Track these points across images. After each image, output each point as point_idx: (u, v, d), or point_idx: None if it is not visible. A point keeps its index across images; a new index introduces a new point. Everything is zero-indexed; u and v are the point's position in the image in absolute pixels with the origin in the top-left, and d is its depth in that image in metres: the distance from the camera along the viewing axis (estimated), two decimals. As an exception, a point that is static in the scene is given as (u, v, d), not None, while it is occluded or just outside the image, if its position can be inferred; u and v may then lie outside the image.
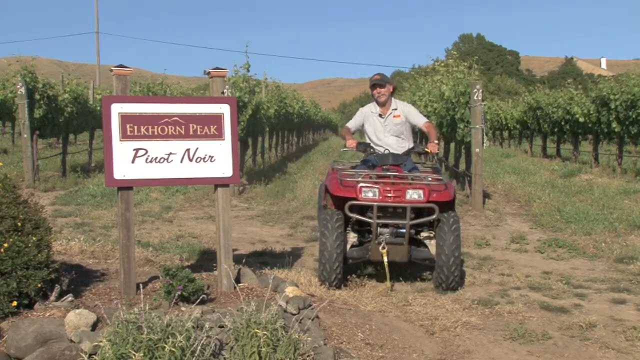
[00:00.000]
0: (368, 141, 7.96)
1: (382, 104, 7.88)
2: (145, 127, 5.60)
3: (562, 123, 23.29)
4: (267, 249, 9.07)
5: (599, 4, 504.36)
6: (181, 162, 5.72)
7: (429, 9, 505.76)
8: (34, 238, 4.96)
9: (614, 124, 18.57)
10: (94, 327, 4.52)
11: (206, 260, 7.76)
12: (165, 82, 25.78)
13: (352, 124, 8.07)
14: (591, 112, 20.26)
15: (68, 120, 17.53)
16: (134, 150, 5.57)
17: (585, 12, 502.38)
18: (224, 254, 5.89)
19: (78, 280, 5.80)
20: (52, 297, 5.03)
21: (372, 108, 7.97)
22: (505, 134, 36.10)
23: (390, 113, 7.86)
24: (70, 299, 5.09)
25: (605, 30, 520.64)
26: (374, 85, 7.84)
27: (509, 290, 7.27)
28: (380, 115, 7.88)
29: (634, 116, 17.61)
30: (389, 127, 7.84)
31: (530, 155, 27.29)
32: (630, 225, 10.73)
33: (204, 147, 5.79)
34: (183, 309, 4.94)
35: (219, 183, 5.92)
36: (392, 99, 7.97)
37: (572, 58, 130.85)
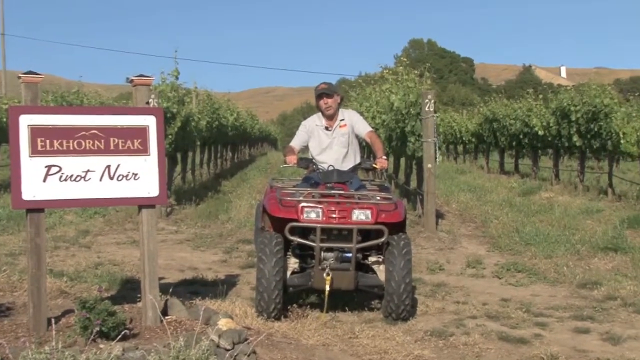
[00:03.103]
0: (311, 157, 7.98)
1: (329, 117, 7.90)
2: (59, 141, 5.51)
3: (521, 136, 23.78)
4: (198, 277, 9.00)
5: (558, 9, 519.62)
6: (100, 180, 5.64)
7: (376, 12, 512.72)
8: None
9: (575, 138, 19.03)
10: (-2, 369, 4.39)
11: (129, 290, 7.65)
12: (81, 91, 25.39)
13: (296, 142, 8.00)
14: (551, 124, 20.73)
15: (-30, 133, 17.09)
16: (45, 167, 5.47)
17: (544, 17, 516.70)
18: (149, 283, 5.82)
19: (-20, 315, 5.64)
20: (-50, 336, 4.87)
21: (316, 121, 7.99)
22: (460, 148, 36.72)
23: (337, 125, 7.90)
24: (-30, 337, 4.94)
25: (565, 36, 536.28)
26: (320, 95, 7.85)
27: (465, 320, 7.36)
28: (326, 129, 7.90)
29: (595, 129, 18.07)
30: (336, 141, 7.87)
31: (486, 171, 27.79)
32: (593, 247, 10.99)
33: (127, 163, 5.72)
34: (102, 346, 4.85)
35: (143, 204, 5.86)
36: (340, 110, 8.01)
37: (530, 66, 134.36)
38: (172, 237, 12.24)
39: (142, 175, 5.77)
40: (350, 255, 7.12)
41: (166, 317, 5.89)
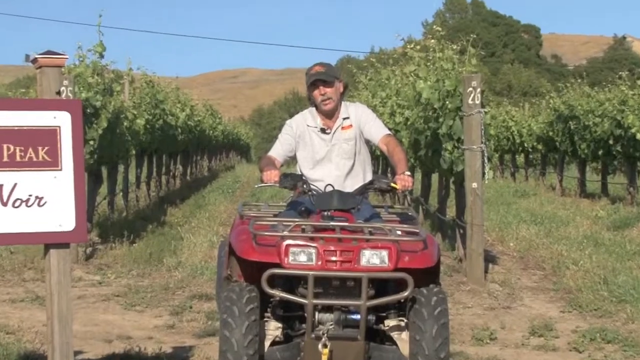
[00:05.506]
0: (299, 172, 7.99)
1: (327, 113, 7.93)
2: None
3: (611, 142, 23.77)
4: (132, 351, 8.99)
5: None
6: (-12, 207, 5.66)
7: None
8: None
9: (691, 144, 19.09)
10: None
11: (30, 370, 7.65)
12: (-38, 75, 25.53)
13: (278, 151, 8.01)
14: (655, 124, 20.78)
15: None
16: None
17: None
18: (60, 360, 5.82)
19: None
20: None
21: (308, 119, 7.99)
22: (520, 159, 36.78)
23: (339, 125, 7.92)
24: None
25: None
26: (314, 83, 7.83)
27: (528, 414, 7.38)
28: (323, 131, 7.92)
29: None
30: (337, 149, 7.89)
31: (560, 193, 27.80)
32: None
33: (28, 182, 5.75)
34: None
35: (52, 241, 5.87)
36: (342, 103, 8.03)
37: (624, 37, 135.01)
38: (94, 291, 12.22)
39: (51, 200, 5.79)
40: (357, 317, 7.11)
41: (85, 410, 5.91)
